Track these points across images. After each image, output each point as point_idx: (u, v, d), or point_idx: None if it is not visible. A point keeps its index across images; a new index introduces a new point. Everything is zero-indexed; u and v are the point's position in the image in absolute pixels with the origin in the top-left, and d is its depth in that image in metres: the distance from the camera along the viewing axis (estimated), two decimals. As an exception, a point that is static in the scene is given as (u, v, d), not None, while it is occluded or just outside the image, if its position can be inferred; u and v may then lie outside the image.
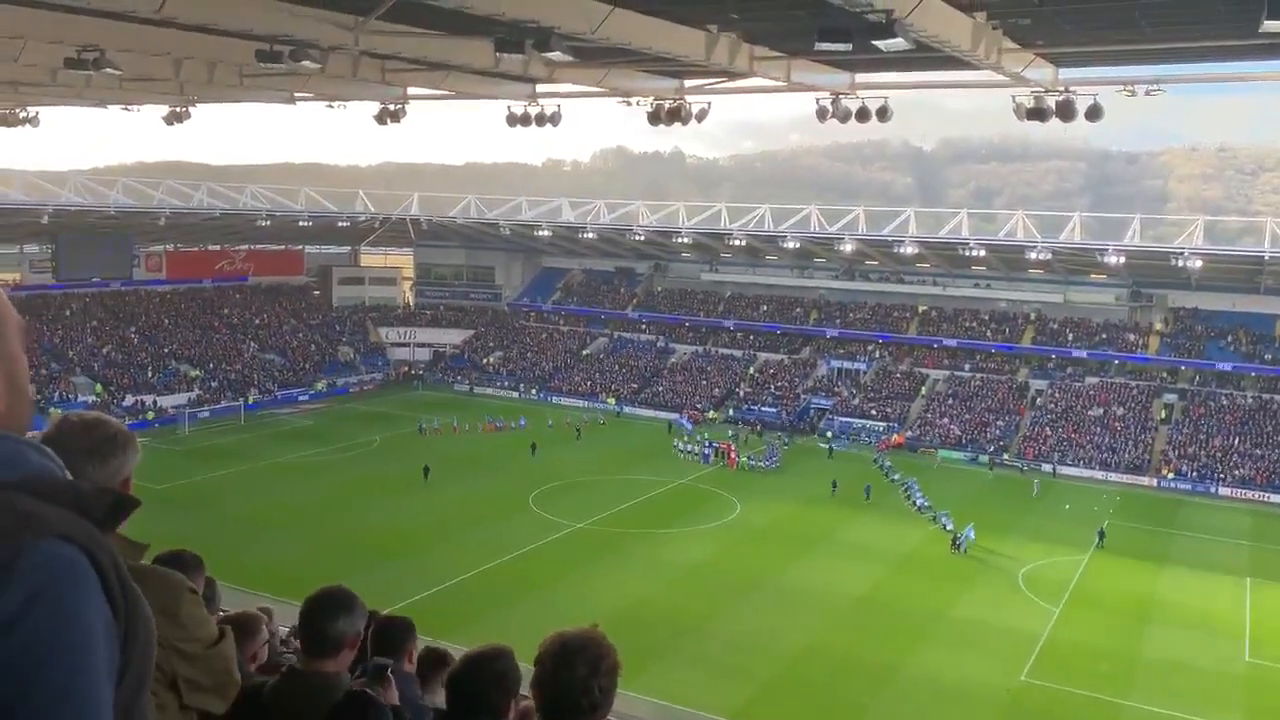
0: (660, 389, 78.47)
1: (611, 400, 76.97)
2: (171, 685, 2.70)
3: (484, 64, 21.61)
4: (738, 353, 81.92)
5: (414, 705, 4.13)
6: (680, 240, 77.96)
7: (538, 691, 2.88)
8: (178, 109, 30.17)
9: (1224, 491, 57.66)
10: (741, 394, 76.50)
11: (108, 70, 20.87)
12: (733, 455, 60.05)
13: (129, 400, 67.36)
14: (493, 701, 3.40)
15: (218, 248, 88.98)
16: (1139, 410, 66.55)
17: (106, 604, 1.54)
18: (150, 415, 65.83)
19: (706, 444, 61.65)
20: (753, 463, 59.33)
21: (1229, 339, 68.07)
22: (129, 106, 31.73)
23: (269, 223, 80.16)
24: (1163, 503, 55.74)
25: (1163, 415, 65.78)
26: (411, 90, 27.58)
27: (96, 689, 1.49)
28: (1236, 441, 61.55)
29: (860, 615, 36.84)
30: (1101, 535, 46.88)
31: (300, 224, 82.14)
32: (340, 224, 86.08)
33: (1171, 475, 59.63)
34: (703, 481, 55.69)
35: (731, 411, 73.50)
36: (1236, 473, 58.88)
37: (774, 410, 72.97)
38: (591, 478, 55.29)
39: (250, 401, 72.52)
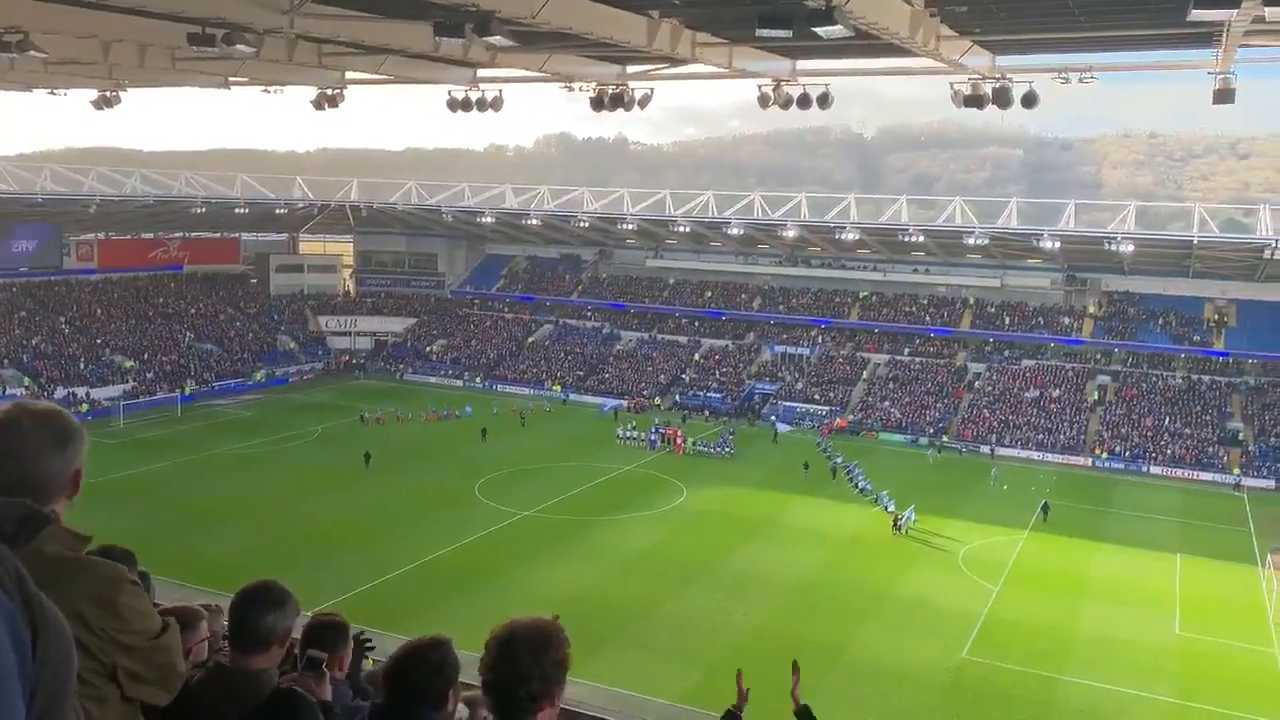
0: (606, 376, 78.47)
1: (557, 387, 76.81)
2: (112, 677, 2.65)
3: (423, 48, 21.37)
4: (683, 339, 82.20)
5: (346, 708, 4.03)
6: (625, 227, 77.89)
7: (481, 678, 2.87)
8: (107, 93, 29.38)
9: (1155, 470, 59.27)
10: (687, 380, 76.81)
11: (32, 53, 20.26)
12: (679, 441, 60.30)
13: (60, 393, 65.67)
14: (433, 693, 3.35)
15: (151, 236, 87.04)
16: (1074, 392, 68.06)
17: (12, 620, 1.50)
18: (84, 408, 64.20)
19: (652, 429, 61.86)
20: (703, 448, 59.61)
21: (1160, 321, 69.88)
22: (56, 91, 30.86)
23: (204, 210, 78.59)
24: (1097, 482, 57.12)
25: (1096, 396, 67.36)
26: (350, 74, 27.19)
27: (9, 706, 1.47)
28: (1167, 421, 63.27)
29: (805, 597, 37.24)
30: (1045, 508, 48.29)
31: (236, 211, 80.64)
32: (278, 211, 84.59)
33: (1105, 455, 61.11)
34: (649, 467, 55.87)
35: (678, 397, 73.77)
36: (1167, 451, 60.52)
37: (719, 396, 73.38)
38: (538, 465, 55.16)
39: (187, 392, 71.18)
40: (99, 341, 74.57)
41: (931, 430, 65.61)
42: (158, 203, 76.94)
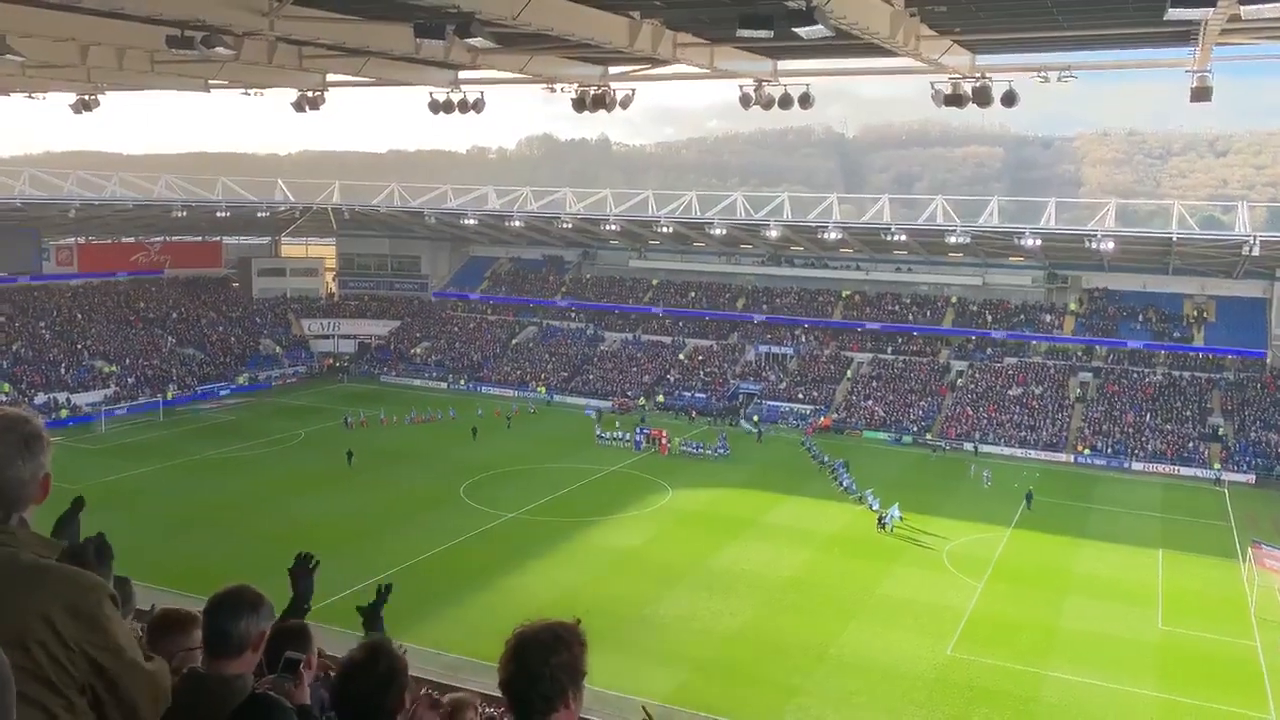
0: (591, 377, 78.42)
1: (542, 389, 76.73)
2: (81, 690, 2.60)
3: (404, 49, 21.32)
4: (667, 339, 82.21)
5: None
6: (608, 227, 77.87)
7: (499, 678, 2.89)
8: (85, 97, 29.17)
9: (1137, 466, 59.63)
10: (672, 380, 76.83)
11: (9, 57, 20.11)
12: (664, 441, 60.31)
13: (41, 398, 65.18)
14: (388, 705, 3.28)
15: (132, 240, 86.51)
16: (1056, 389, 68.41)
17: None
18: (64, 413, 63.80)
19: (638, 430, 61.88)
20: (687, 448, 59.63)
21: (1140, 318, 70.34)
22: (34, 94, 30.63)
23: (185, 214, 78.10)
24: (1079, 478, 57.40)
25: (1078, 393, 67.72)
26: (330, 76, 27.09)
27: None
28: (1148, 417, 63.66)
29: (790, 596, 37.32)
30: (1029, 497, 49.19)
31: (218, 215, 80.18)
32: (259, 214, 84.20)
33: (1087, 451, 61.44)
34: (634, 468, 55.85)
35: (661, 398, 73.79)
36: (1149, 447, 60.90)
37: (704, 396, 73.45)
38: (523, 467, 55.06)
39: (169, 397, 70.75)
40: (80, 346, 74.01)
41: (915, 428, 65.86)
42: (138, 206, 76.46)
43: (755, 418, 68.06)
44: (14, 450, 2.49)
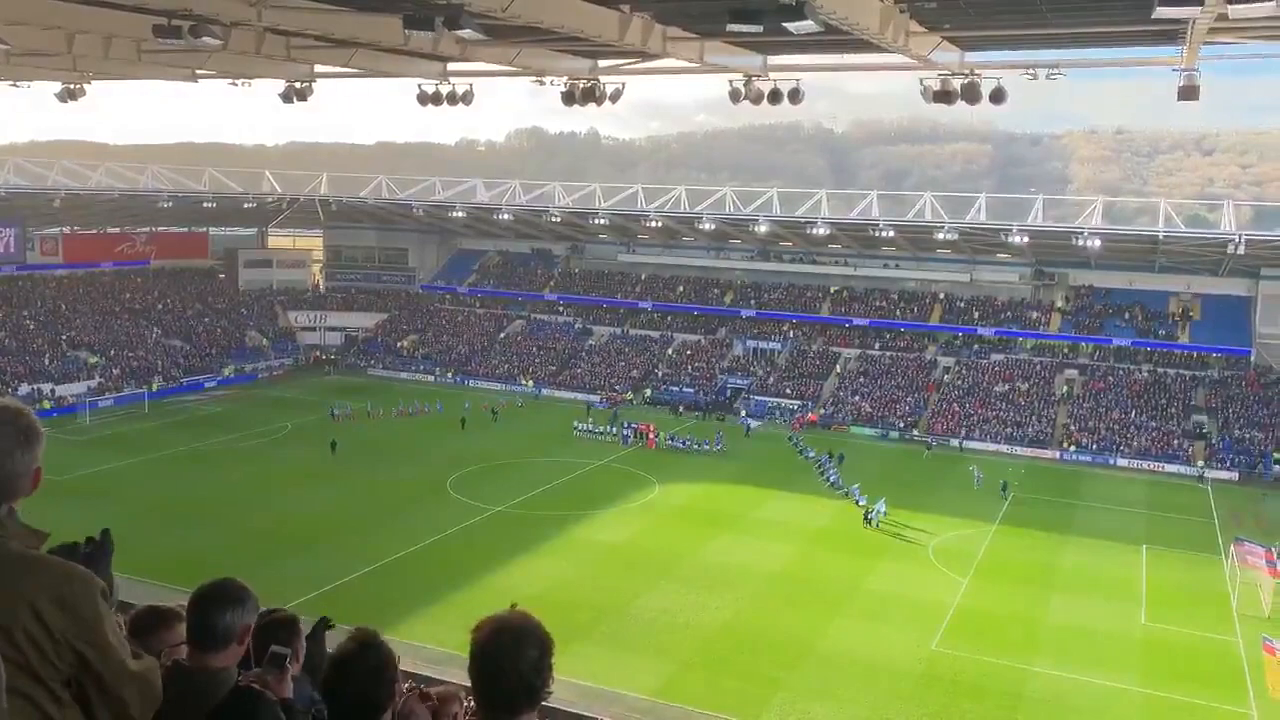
0: (579, 371, 78.38)
1: (529, 383, 76.64)
2: (67, 682, 2.58)
3: (393, 41, 21.20)
4: (655, 334, 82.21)
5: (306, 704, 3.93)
6: (597, 221, 77.75)
7: (483, 679, 2.82)
8: (71, 86, 28.94)
9: (1122, 462, 59.95)
10: (660, 375, 76.84)
11: (-6, 44, 19.94)
12: (651, 436, 60.34)
13: (24, 389, 64.73)
14: (378, 699, 3.26)
15: (117, 230, 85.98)
16: (1042, 386, 68.69)
17: None
18: (48, 404, 63.40)
19: (626, 424, 61.89)
20: (683, 444, 59.71)
21: (1126, 316, 70.67)
22: (18, 83, 30.38)
23: (171, 204, 77.68)
24: (1065, 474, 57.68)
25: (1064, 390, 68.02)
26: (318, 68, 26.94)
27: None
28: (1133, 414, 63.99)
29: (776, 591, 37.40)
30: (1005, 487, 50.76)
31: (204, 205, 79.82)
32: (246, 205, 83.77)
33: (1073, 448, 61.73)
34: (621, 462, 55.86)
35: (650, 392, 73.79)
36: (1133, 444, 61.22)
37: (692, 391, 73.49)
38: (510, 461, 55.03)
39: (154, 389, 70.41)
40: (64, 337, 73.59)
41: (901, 424, 66.07)
42: (124, 196, 76.02)
43: (743, 411, 68.15)
44: (12, 442, 2.49)
